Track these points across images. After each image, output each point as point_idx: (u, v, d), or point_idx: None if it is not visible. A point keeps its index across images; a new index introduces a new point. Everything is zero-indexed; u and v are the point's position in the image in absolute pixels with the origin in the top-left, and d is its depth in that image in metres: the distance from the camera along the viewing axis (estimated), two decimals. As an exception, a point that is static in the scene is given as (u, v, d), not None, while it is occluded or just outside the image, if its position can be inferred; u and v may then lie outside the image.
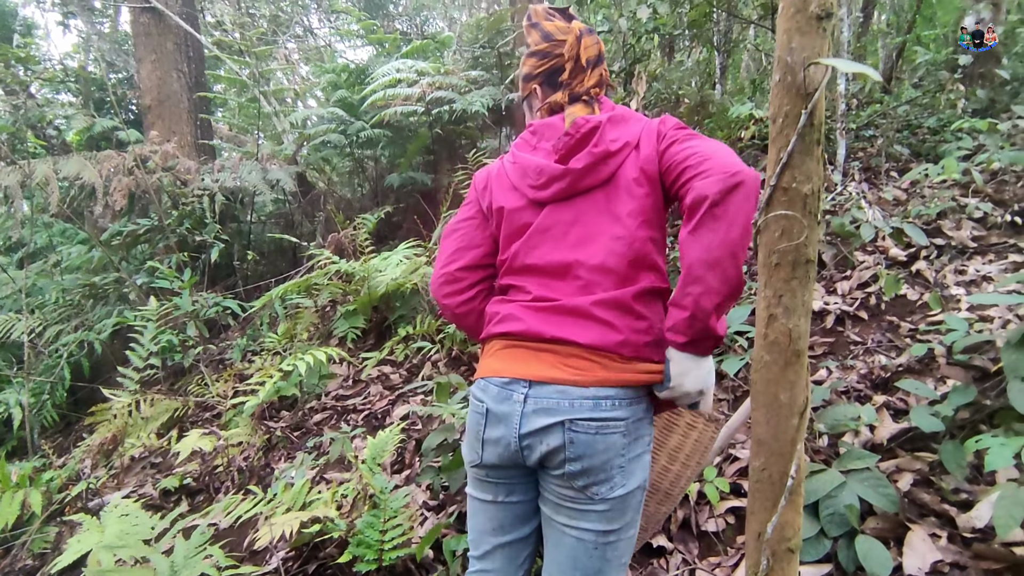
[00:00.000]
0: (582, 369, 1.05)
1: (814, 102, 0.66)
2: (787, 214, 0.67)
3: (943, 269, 2.70)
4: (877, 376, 2.10)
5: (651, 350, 1.06)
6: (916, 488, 1.64)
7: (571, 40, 1.21)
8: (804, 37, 0.67)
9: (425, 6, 15.76)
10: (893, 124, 5.10)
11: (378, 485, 1.80)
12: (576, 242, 1.12)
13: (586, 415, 1.02)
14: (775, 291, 0.70)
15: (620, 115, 1.17)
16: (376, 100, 5.31)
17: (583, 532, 1.06)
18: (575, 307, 1.08)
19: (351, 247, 4.72)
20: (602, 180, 1.12)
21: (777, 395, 0.71)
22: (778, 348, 0.70)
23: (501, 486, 1.16)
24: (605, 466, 1.03)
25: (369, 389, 3.33)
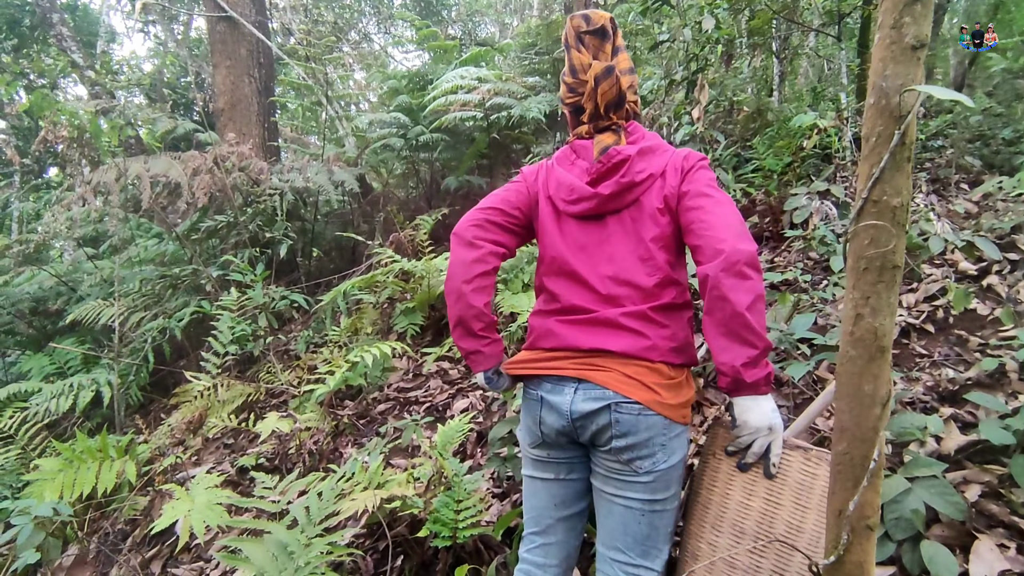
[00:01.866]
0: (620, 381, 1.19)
1: (906, 124, 0.74)
2: (877, 224, 0.75)
3: (1016, 284, 2.65)
4: (944, 389, 2.10)
5: (675, 354, 1.21)
6: (984, 499, 1.65)
7: (589, 85, 1.30)
8: (899, 65, 0.74)
9: (478, 11, 16.05)
10: (964, 134, 4.96)
11: (451, 468, 1.92)
12: (607, 259, 1.26)
13: (630, 400, 1.18)
14: (863, 293, 0.77)
15: (648, 147, 1.29)
16: (437, 105, 5.50)
17: (630, 501, 1.20)
18: (607, 319, 1.23)
19: (410, 247, 4.90)
20: (626, 205, 1.27)
21: (861, 386, 0.78)
22: (863, 344, 0.77)
23: (562, 465, 1.32)
24: (648, 443, 1.17)
25: (429, 383, 3.47)
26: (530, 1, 16.56)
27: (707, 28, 3.17)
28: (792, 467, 1.19)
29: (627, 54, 1.38)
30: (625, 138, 1.33)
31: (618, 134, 1.34)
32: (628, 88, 1.35)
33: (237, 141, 5.68)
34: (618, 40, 1.37)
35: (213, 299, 4.53)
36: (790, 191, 3.36)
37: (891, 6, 0.74)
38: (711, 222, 1.15)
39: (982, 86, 7.03)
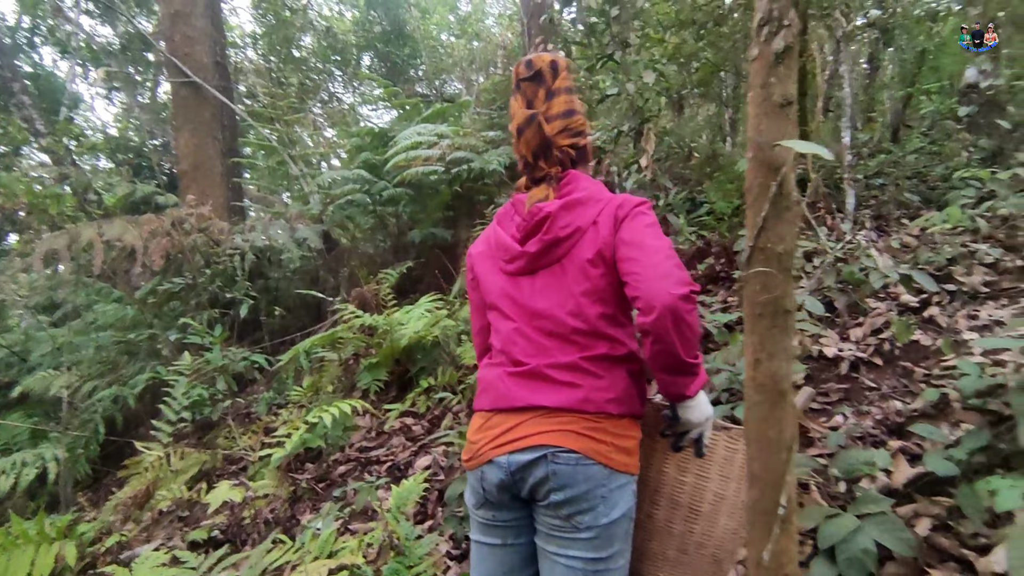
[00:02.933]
0: (555, 432, 1.17)
1: (782, 175, 0.77)
2: (765, 271, 0.77)
3: (955, 314, 2.74)
4: (892, 421, 2.12)
5: (613, 405, 1.19)
6: (935, 533, 1.65)
7: (514, 136, 1.33)
8: (771, 121, 0.78)
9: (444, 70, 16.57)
10: (903, 172, 5.21)
11: (403, 532, 1.86)
12: (539, 313, 1.26)
13: (565, 450, 1.15)
14: (760, 338, 0.79)
15: (576, 200, 1.26)
16: (399, 161, 5.60)
17: (572, 560, 1.15)
18: (541, 372, 1.22)
19: (374, 301, 4.88)
20: (556, 260, 1.26)
21: (766, 432, 0.79)
22: (765, 389, 0.78)
23: (509, 529, 1.27)
24: (588, 495, 1.13)
25: (392, 440, 3.39)
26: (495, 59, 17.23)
27: (649, 82, 3.32)
28: (718, 445, 1.32)
29: (569, 96, 1.33)
30: (557, 190, 1.31)
31: (550, 186, 1.31)
32: (559, 133, 1.31)
33: (198, 202, 5.67)
34: (558, 83, 1.32)
35: (170, 364, 4.40)
36: (738, 233, 3.46)
37: (759, 67, 0.79)
38: (644, 275, 1.14)
39: (919, 126, 7.44)
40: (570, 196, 1.29)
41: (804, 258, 3.34)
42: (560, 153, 1.32)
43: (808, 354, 2.70)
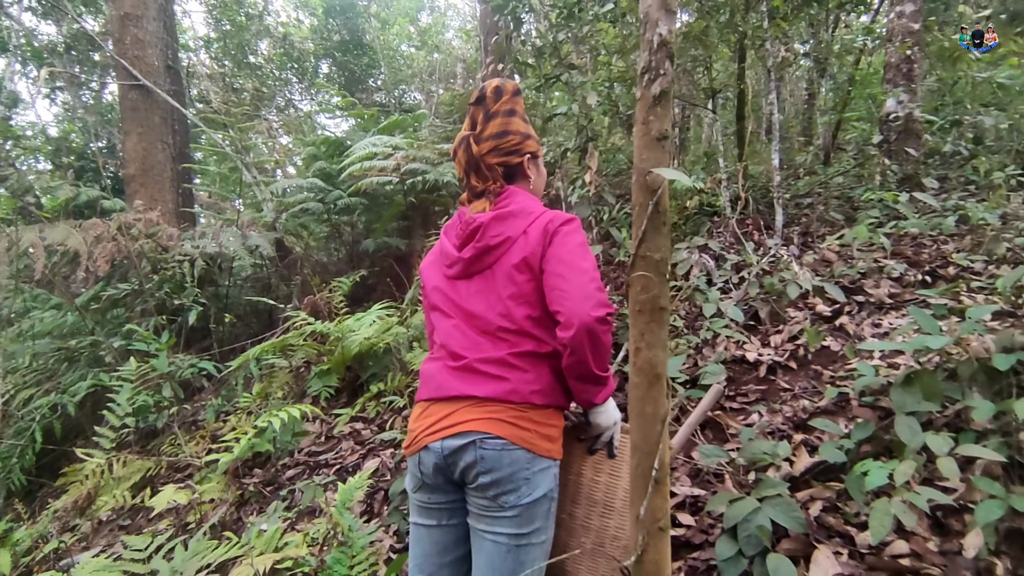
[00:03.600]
0: (483, 419, 1.29)
1: (658, 196, 0.94)
2: (645, 275, 0.93)
3: (862, 323, 3.02)
4: (799, 418, 2.35)
5: (538, 396, 1.32)
6: (824, 513, 1.86)
7: (452, 155, 1.51)
8: (649, 152, 0.95)
9: (403, 80, 16.63)
10: (830, 192, 5.61)
11: (346, 524, 1.95)
12: (473, 313, 1.39)
13: (492, 436, 1.27)
14: (640, 331, 0.94)
15: (508, 212, 1.40)
16: (354, 171, 5.66)
17: (498, 536, 1.27)
18: (473, 366, 1.34)
19: (326, 309, 4.92)
20: (487, 266, 1.40)
21: (644, 408, 0.95)
22: (643, 373, 0.94)
23: (443, 510, 1.39)
24: (512, 477, 1.26)
25: (341, 444, 3.45)
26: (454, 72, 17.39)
27: (592, 104, 3.53)
28: (627, 446, 1.44)
29: (507, 119, 1.43)
30: (494, 203, 1.44)
31: (488, 200, 1.45)
32: (488, 152, 1.43)
33: (146, 207, 5.59)
34: (497, 106, 1.43)
35: (114, 371, 4.33)
36: (675, 247, 3.69)
37: (641, 107, 0.96)
38: (568, 293, 1.26)
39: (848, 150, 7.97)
40: (503, 208, 1.42)
41: (733, 270, 3.60)
42: (488, 171, 1.45)
43: (731, 358, 2.93)
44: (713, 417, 2.53)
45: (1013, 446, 1.82)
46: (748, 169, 5.92)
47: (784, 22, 4.90)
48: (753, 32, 4.87)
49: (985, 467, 1.79)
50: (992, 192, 4.34)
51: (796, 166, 7.37)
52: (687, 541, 1.92)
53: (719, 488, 2.10)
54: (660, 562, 0.96)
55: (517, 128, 1.47)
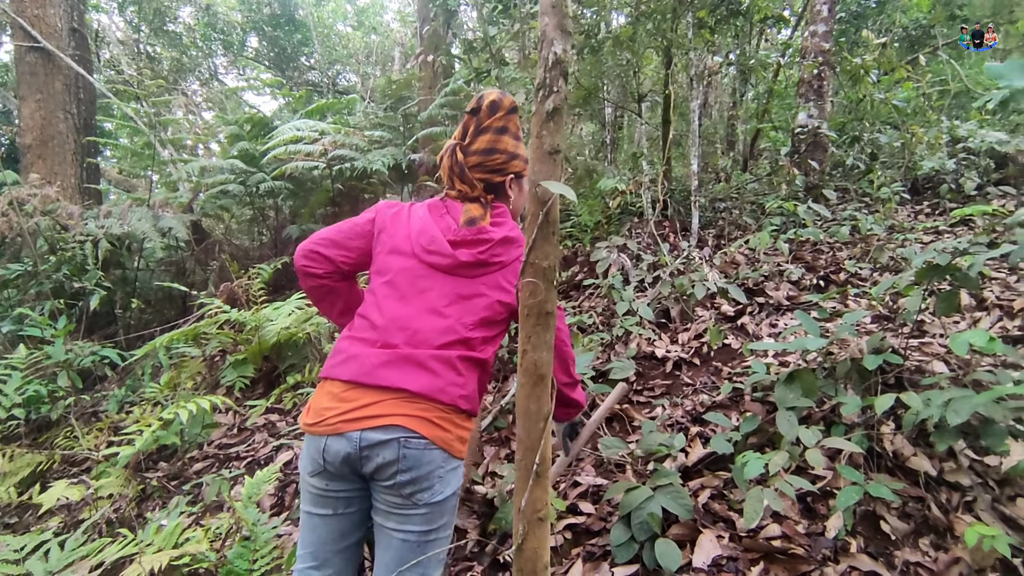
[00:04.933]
0: (410, 417, 1.27)
1: (548, 207, 0.99)
2: (533, 281, 0.98)
3: (761, 323, 3.25)
4: (697, 411, 2.51)
5: (463, 401, 1.32)
6: (712, 500, 2.01)
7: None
8: (542, 164, 0.99)
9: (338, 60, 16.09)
10: (745, 198, 5.94)
11: (250, 518, 1.92)
12: (435, 308, 1.36)
13: (418, 435, 1.26)
14: (527, 333, 1.00)
15: (510, 238, 1.43)
16: (278, 154, 5.47)
17: (408, 533, 1.27)
18: (413, 356, 1.30)
19: (245, 297, 4.74)
20: (473, 276, 1.39)
21: (529, 406, 1.00)
22: (529, 373, 1.00)
23: (340, 500, 1.34)
24: (429, 476, 1.26)
25: (254, 437, 3.36)
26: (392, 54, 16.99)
27: (520, 101, 3.59)
28: None
29: (497, 136, 1.43)
30: (491, 217, 1.44)
31: (485, 209, 1.44)
32: (474, 167, 1.43)
33: (44, 181, 5.17)
34: (489, 121, 1.42)
35: (1, 359, 4.00)
36: (596, 245, 3.82)
37: (536, 121, 1.01)
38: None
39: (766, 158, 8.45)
40: (506, 232, 1.43)
41: (649, 270, 3.77)
42: (471, 184, 1.45)
43: (642, 354, 3.08)
44: (621, 411, 2.65)
45: (874, 438, 2.03)
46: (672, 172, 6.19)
47: (708, 33, 5.13)
48: (679, 41, 5.08)
49: (849, 457, 1.99)
50: (883, 205, 4.75)
51: (717, 170, 7.75)
52: (587, 528, 2.02)
53: (620, 478, 2.22)
54: (539, 550, 1.02)
55: (506, 147, 1.45)
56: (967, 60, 8.97)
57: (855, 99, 6.58)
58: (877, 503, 1.84)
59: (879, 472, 1.94)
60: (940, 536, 1.74)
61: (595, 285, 3.42)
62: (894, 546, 1.74)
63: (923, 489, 1.86)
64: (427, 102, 6.74)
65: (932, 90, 6.08)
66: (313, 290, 1.52)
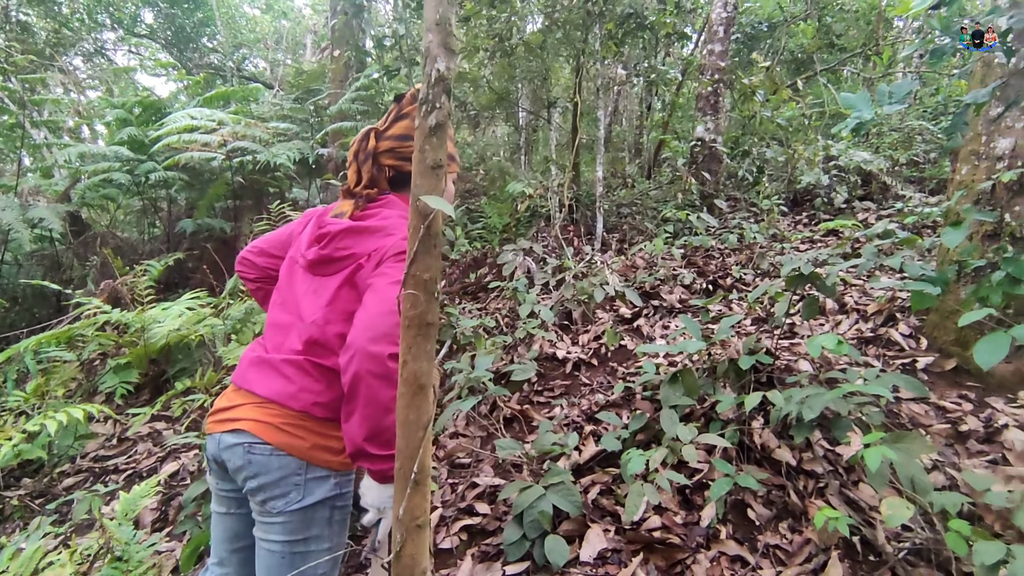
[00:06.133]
0: (255, 423, 1.24)
1: (429, 220, 1.01)
2: (414, 293, 1.00)
3: (655, 325, 3.44)
4: (592, 411, 2.63)
5: (319, 408, 1.26)
6: (601, 496, 2.12)
7: None
8: (425, 179, 1.01)
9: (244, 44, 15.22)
10: (647, 204, 6.25)
11: (123, 537, 1.80)
12: (300, 311, 1.33)
13: (261, 442, 1.23)
14: (408, 344, 1.02)
15: (365, 227, 1.32)
16: (171, 142, 5.11)
17: (271, 543, 1.25)
18: (271, 361, 1.30)
19: (130, 295, 4.40)
20: (327, 274, 1.34)
21: (408, 416, 1.02)
22: (408, 383, 1.02)
23: (233, 499, 1.35)
24: (281, 482, 1.23)
25: (137, 447, 3.14)
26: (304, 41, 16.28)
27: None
28: None
29: (414, 123, 1.36)
30: (360, 209, 1.37)
31: (356, 206, 1.37)
32: (385, 152, 1.38)
33: None
34: (412, 110, 1.38)
35: None
36: (503, 248, 3.88)
37: (419, 136, 1.03)
38: (361, 318, 1.19)
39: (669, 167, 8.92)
40: (361, 221, 1.35)
41: (553, 273, 3.89)
42: (376, 171, 1.40)
43: (544, 355, 3.18)
44: (521, 411, 2.73)
45: (745, 432, 2.22)
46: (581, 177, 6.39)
47: (616, 45, 5.35)
48: (588, 51, 5.26)
49: (723, 451, 2.16)
50: (767, 215, 5.17)
51: (624, 177, 8.09)
52: (483, 528, 2.06)
53: (517, 478, 2.29)
54: (417, 556, 1.04)
55: None
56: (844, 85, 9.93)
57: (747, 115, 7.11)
58: (745, 492, 2.02)
59: (748, 464, 2.13)
60: (796, 520, 1.94)
61: (501, 287, 3.48)
62: (758, 531, 1.91)
63: (784, 478, 2.06)
64: (338, 95, 6.54)
65: (812, 111, 6.68)
66: (254, 293, 1.62)
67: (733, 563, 1.80)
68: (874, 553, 1.78)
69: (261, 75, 14.08)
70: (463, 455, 2.48)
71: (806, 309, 2.48)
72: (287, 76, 11.07)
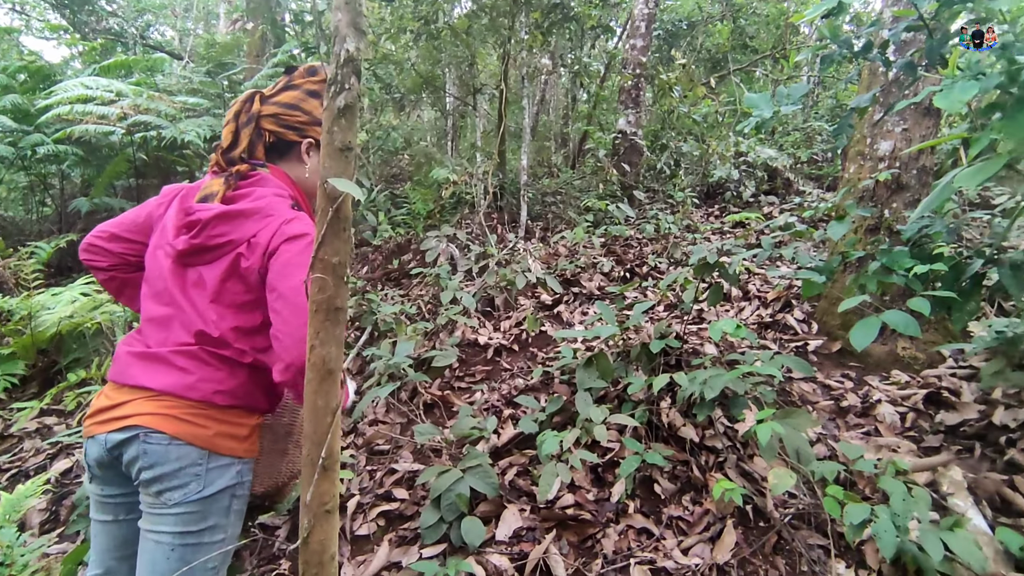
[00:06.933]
0: (150, 414, 1.20)
1: (337, 203, 1.00)
2: (322, 277, 0.99)
3: (575, 311, 3.54)
4: (511, 395, 2.69)
5: (221, 396, 1.23)
6: (518, 477, 2.18)
7: None
8: (333, 161, 1.00)
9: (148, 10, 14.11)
10: (571, 193, 6.38)
11: (5, 540, 1.66)
12: (177, 304, 1.26)
13: (157, 431, 1.19)
14: (316, 329, 1.00)
15: (238, 211, 1.24)
16: (62, 113, 4.67)
17: (161, 535, 1.20)
18: (159, 354, 1.23)
19: (14, 279, 4.03)
20: (204, 263, 1.26)
21: (316, 402, 1.01)
22: (316, 368, 1.01)
23: (120, 505, 1.28)
24: (179, 472, 1.19)
25: (23, 444, 2.89)
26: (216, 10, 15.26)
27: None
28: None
29: (307, 98, 1.34)
30: (232, 189, 1.29)
31: (227, 184, 1.28)
32: (269, 116, 1.32)
33: None
34: (300, 81, 1.35)
35: None
36: (426, 234, 3.86)
37: (327, 117, 1.01)
38: (287, 335, 1.16)
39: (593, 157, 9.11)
40: (235, 205, 1.27)
41: (476, 260, 3.91)
42: (256, 135, 1.33)
43: (466, 341, 3.20)
44: (442, 397, 2.74)
45: (654, 412, 2.35)
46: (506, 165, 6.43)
47: (542, 35, 5.40)
48: (515, 39, 5.27)
49: (634, 430, 2.27)
50: (682, 207, 5.42)
51: (550, 166, 8.21)
52: (401, 513, 2.07)
53: (436, 462, 2.31)
54: (326, 542, 1.04)
55: (312, 110, 1.36)
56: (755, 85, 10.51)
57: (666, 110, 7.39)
58: (653, 468, 2.14)
59: (656, 442, 2.25)
60: (698, 493, 2.08)
61: (424, 274, 3.47)
62: (663, 504, 2.03)
63: (688, 454, 2.20)
64: (254, 71, 6.20)
65: (725, 109, 7.03)
66: (106, 284, 1.44)
67: (640, 535, 1.91)
68: (764, 520, 1.94)
69: (168, 44, 13.09)
70: (382, 442, 2.47)
71: (711, 296, 2.64)
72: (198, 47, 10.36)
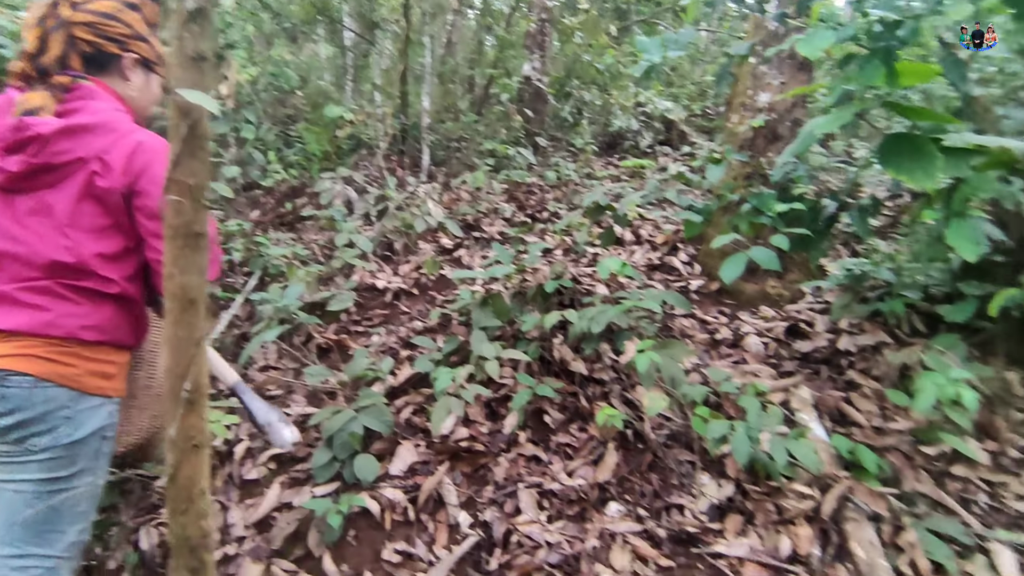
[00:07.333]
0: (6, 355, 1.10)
1: (193, 119, 0.92)
2: (178, 199, 0.92)
3: (475, 255, 3.56)
4: (409, 337, 2.69)
5: (88, 332, 1.15)
6: (414, 415, 2.21)
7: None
8: (185, 71, 0.91)
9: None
10: (475, 139, 6.28)
11: None
12: (16, 237, 1.13)
13: (17, 373, 1.09)
14: (174, 256, 0.94)
15: (83, 124, 1.14)
16: None
17: (22, 484, 1.12)
18: (6, 293, 1.11)
19: None
20: (47, 186, 1.13)
21: (177, 332, 0.96)
22: (177, 298, 0.95)
23: None
24: (46, 417, 1.11)
25: None
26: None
27: (226, 5, 3.16)
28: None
29: (128, 11, 1.22)
30: (61, 102, 1.15)
31: (54, 96, 1.14)
32: (81, 24, 1.16)
33: None
34: None
35: None
36: (321, 175, 3.68)
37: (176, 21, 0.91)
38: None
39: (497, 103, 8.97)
40: (75, 119, 1.14)
41: (374, 203, 3.79)
42: (69, 45, 1.17)
43: (364, 286, 3.13)
44: (337, 340, 2.69)
45: (547, 348, 2.45)
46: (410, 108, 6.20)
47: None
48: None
49: (527, 365, 2.36)
50: (583, 154, 5.52)
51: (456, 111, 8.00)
52: (292, 456, 2.04)
53: (331, 404, 2.28)
54: (194, 477, 1.01)
55: (133, 23, 1.22)
56: (657, 37, 10.71)
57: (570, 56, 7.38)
58: (544, 401, 2.24)
59: (548, 376, 2.35)
60: (585, 421, 2.21)
61: (318, 217, 3.32)
62: (552, 433, 2.15)
63: (577, 386, 2.32)
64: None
65: (627, 59, 7.14)
66: None
67: (529, 462, 2.01)
68: (642, 442, 2.10)
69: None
70: (274, 387, 2.40)
71: (604, 238, 2.74)
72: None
